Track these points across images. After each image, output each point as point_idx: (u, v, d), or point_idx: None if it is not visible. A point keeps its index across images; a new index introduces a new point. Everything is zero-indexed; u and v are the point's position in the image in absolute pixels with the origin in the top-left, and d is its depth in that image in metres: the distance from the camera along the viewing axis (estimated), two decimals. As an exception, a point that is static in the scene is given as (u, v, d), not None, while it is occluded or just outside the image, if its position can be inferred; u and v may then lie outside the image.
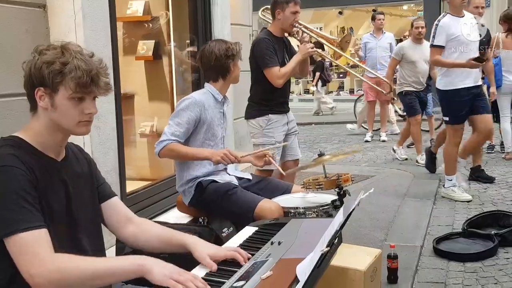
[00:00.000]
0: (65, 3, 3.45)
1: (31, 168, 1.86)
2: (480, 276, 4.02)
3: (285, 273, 1.87)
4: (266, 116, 4.49)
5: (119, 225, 2.25)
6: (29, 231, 1.77)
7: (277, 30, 4.56)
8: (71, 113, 1.92)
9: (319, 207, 3.28)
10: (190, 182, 3.55)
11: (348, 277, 2.73)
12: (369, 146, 9.66)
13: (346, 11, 18.24)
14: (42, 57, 1.89)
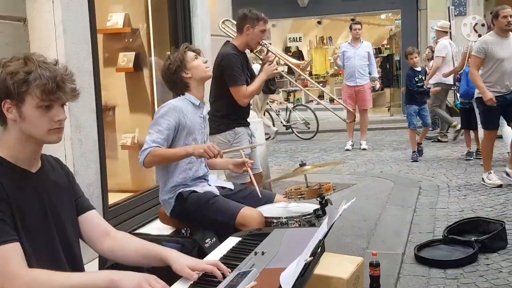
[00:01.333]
0: (45, 16, 3.44)
1: (1, 182, 1.84)
2: (461, 283, 4.05)
3: (269, 283, 1.87)
4: (232, 130, 4.45)
5: (96, 239, 2.22)
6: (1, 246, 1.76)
7: (242, 45, 4.51)
8: (40, 121, 1.91)
9: (302, 216, 3.28)
10: (171, 192, 3.53)
11: (332, 285, 2.74)
12: (350, 154, 9.70)
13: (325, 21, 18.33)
14: (5, 69, 1.87)
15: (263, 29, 4.47)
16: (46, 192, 2.02)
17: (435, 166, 8.17)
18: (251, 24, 4.42)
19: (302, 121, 12.99)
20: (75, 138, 3.55)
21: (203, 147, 3.32)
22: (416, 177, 7.54)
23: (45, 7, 3.42)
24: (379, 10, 16.42)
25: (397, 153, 9.60)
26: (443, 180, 7.32)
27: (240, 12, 4.57)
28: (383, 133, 12.10)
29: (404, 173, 7.92)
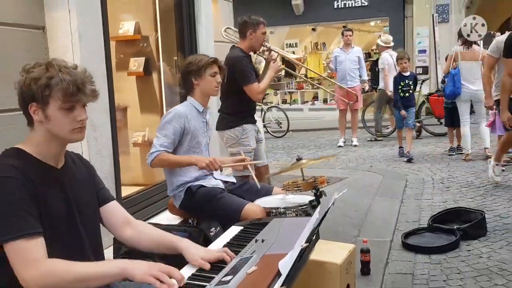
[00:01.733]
0: (62, 25, 3.45)
1: (29, 177, 1.85)
2: (444, 267, 4.05)
3: (269, 267, 1.88)
4: (241, 127, 4.47)
5: (118, 227, 2.24)
6: (23, 238, 1.77)
7: (247, 48, 4.54)
8: (63, 122, 1.92)
9: (298, 207, 3.29)
10: (180, 187, 3.54)
11: (326, 270, 2.74)
12: (342, 150, 9.69)
13: (319, 28, 18.31)
14: (29, 75, 1.90)
15: (264, 32, 4.51)
16: (69, 186, 2.03)
17: (420, 161, 8.17)
18: (252, 29, 4.45)
19: (275, 121, 13.15)
20: (90, 137, 3.56)
21: (206, 161, 3.35)
22: (403, 171, 7.54)
23: (62, 16, 3.43)
24: (369, 18, 16.41)
25: (385, 149, 9.60)
26: (428, 173, 7.32)
27: (240, 19, 4.58)
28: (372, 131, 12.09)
29: (392, 168, 7.91)
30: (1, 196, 1.79)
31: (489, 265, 4.02)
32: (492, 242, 4.50)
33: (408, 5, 15.10)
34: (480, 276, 3.84)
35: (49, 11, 3.43)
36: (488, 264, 4.04)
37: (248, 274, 1.85)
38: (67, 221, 1.99)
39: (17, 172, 1.83)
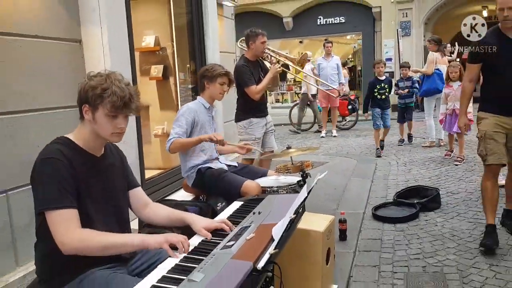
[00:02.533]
0: (95, 39, 3.43)
1: (72, 162, 1.87)
2: (407, 234, 4.08)
3: (264, 234, 1.88)
4: (248, 120, 4.50)
5: (139, 208, 2.26)
6: (63, 209, 1.79)
7: (251, 55, 4.55)
8: (106, 126, 1.93)
9: (288, 186, 3.30)
10: (192, 169, 3.56)
11: (310, 236, 2.75)
12: (324, 140, 9.70)
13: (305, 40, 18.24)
14: (89, 82, 1.91)
15: (263, 41, 4.48)
16: (106, 171, 2.05)
17: (387, 148, 8.16)
18: (253, 40, 4.46)
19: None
20: (119, 130, 3.55)
21: (208, 136, 3.37)
22: (373, 157, 7.54)
23: (95, 31, 3.41)
24: (346, 32, 16.36)
25: (359, 139, 9.60)
26: (393, 158, 7.33)
27: (244, 33, 4.61)
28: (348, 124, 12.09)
29: (364, 154, 7.92)
30: (48, 172, 1.81)
31: (442, 232, 4.04)
32: (445, 213, 4.52)
33: (377, 22, 15.04)
34: (435, 241, 3.86)
35: (85, 27, 3.41)
36: (442, 231, 4.06)
37: (247, 240, 1.85)
38: (103, 200, 2.01)
39: (62, 156, 1.85)
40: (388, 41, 14.70)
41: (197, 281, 1.53)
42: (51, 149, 1.86)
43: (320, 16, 15.64)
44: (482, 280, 3.13)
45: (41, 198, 1.80)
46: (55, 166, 1.82)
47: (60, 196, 1.79)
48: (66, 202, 1.80)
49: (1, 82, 2.73)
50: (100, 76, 1.93)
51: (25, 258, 2.82)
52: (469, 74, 3.85)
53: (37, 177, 1.83)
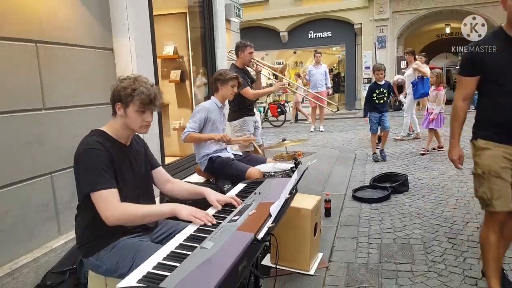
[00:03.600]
0: (124, 48, 3.42)
1: (108, 149, 1.87)
2: (380, 212, 4.08)
3: (264, 211, 1.88)
4: (242, 119, 4.41)
5: (162, 184, 2.26)
6: (106, 189, 1.80)
7: (240, 64, 4.43)
8: (136, 120, 1.94)
9: (283, 171, 3.30)
10: (204, 157, 3.54)
11: (301, 213, 2.76)
12: (313, 134, 9.68)
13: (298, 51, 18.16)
14: (121, 84, 1.92)
15: (250, 52, 4.37)
16: (133, 157, 2.05)
17: (365, 141, 8.16)
18: (242, 50, 4.37)
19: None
20: (144, 123, 3.55)
21: (220, 135, 3.38)
22: (353, 148, 7.53)
23: (125, 41, 3.40)
24: (332, 44, 16.28)
25: (342, 134, 9.58)
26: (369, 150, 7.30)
27: (235, 44, 4.52)
28: (333, 121, 12.06)
29: (346, 146, 7.90)
30: (90, 160, 1.82)
31: (410, 211, 4.05)
32: (412, 195, 4.53)
33: (358, 36, 14.96)
34: (404, 218, 3.87)
35: (116, 38, 3.39)
36: (409, 210, 4.07)
37: (250, 215, 1.86)
38: (133, 180, 2.01)
39: (100, 145, 1.86)
40: (367, 52, 14.65)
41: (208, 248, 1.54)
42: (91, 141, 1.87)
43: (310, 31, 15.55)
44: (442, 251, 3.14)
45: (86, 182, 1.81)
46: (97, 154, 1.83)
47: (103, 179, 1.80)
48: (108, 183, 1.81)
49: (49, 83, 2.73)
50: (129, 79, 1.94)
51: (66, 228, 2.83)
52: (463, 90, 2.40)
53: (82, 165, 1.83)
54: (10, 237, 2.44)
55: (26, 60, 2.58)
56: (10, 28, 2.47)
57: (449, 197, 4.39)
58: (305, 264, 2.83)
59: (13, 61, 2.49)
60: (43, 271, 2.52)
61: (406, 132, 7.97)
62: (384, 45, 14.40)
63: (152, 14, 3.82)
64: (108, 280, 1.96)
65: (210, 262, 1.43)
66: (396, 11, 14.25)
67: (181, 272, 1.38)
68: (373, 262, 3.03)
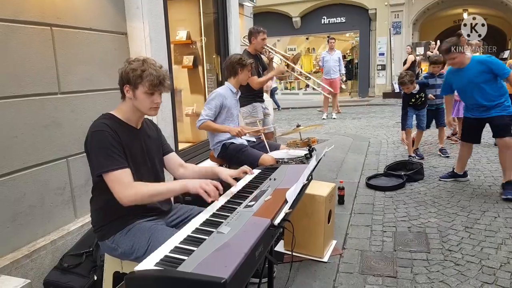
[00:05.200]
0: (138, 32, 3.39)
1: (116, 132, 1.87)
2: (395, 200, 4.05)
3: (279, 197, 1.87)
4: (252, 105, 4.37)
5: (174, 169, 2.25)
6: (118, 170, 1.80)
7: (252, 50, 4.42)
8: (145, 102, 1.92)
9: (297, 158, 3.28)
10: (218, 143, 3.53)
11: (316, 200, 2.75)
12: (325, 121, 9.61)
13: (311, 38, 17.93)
14: (130, 66, 1.90)
15: (263, 38, 4.34)
16: (144, 140, 2.04)
17: (379, 128, 8.09)
18: (254, 36, 4.35)
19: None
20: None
21: (237, 130, 3.35)
22: (366, 135, 7.45)
23: (138, 25, 3.37)
24: (345, 30, 16.04)
25: (355, 121, 9.48)
26: (384, 137, 7.24)
27: (248, 30, 4.48)
28: (346, 108, 11.95)
29: (359, 133, 7.83)
30: (100, 142, 1.82)
31: (425, 199, 4.01)
32: (428, 184, 4.48)
33: (373, 22, 14.70)
34: (419, 206, 3.83)
35: (130, 22, 3.37)
36: (424, 198, 4.03)
37: (265, 201, 1.84)
38: (143, 164, 2.01)
39: (108, 128, 1.85)
40: (381, 39, 14.42)
41: (224, 233, 1.53)
42: (98, 123, 1.87)
43: (324, 16, 15.33)
44: (459, 240, 3.10)
45: (97, 164, 1.81)
46: (104, 136, 1.82)
47: (112, 160, 1.80)
48: (118, 163, 1.81)
49: (64, 67, 2.72)
50: (138, 60, 1.92)
51: (82, 211, 2.86)
52: None
53: (90, 147, 1.83)
54: (28, 219, 2.48)
55: (41, 44, 2.57)
56: (26, 12, 2.47)
57: (465, 185, 4.32)
58: (319, 251, 2.82)
59: (29, 45, 2.49)
60: (60, 253, 2.56)
61: None
62: (399, 31, 14.15)
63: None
64: (124, 263, 1.97)
65: (227, 247, 1.43)
66: (413, -4, 13.94)
67: (198, 256, 1.37)
68: (387, 250, 3.01)
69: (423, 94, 5.27)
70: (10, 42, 2.37)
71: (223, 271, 1.25)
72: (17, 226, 2.40)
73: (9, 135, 2.37)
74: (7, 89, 2.36)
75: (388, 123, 8.73)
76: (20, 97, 2.43)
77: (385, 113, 10.55)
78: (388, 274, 2.67)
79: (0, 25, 2.31)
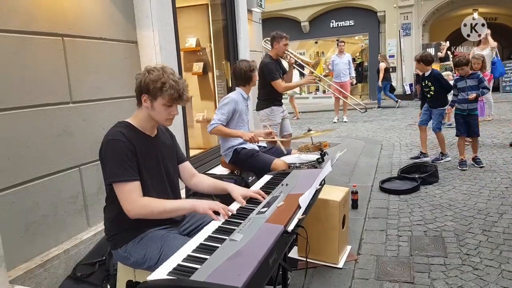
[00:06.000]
0: (148, 40, 3.40)
1: (132, 141, 1.85)
2: (409, 203, 3.97)
3: (292, 202, 1.84)
4: (270, 108, 4.42)
5: (187, 178, 2.24)
6: (128, 182, 1.79)
7: (274, 54, 4.45)
8: (162, 113, 1.91)
9: (309, 162, 3.25)
10: (229, 149, 3.52)
11: (329, 205, 2.70)
12: (336, 125, 9.54)
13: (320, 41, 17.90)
14: (149, 76, 1.87)
15: (285, 43, 4.39)
16: (159, 148, 2.03)
17: (391, 131, 8.00)
18: (277, 41, 4.38)
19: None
20: (169, 116, 3.55)
21: (250, 135, 3.32)
22: (379, 138, 7.37)
23: (148, 34, 3.39)
24: (354, 33, 15.94)
25: (366, 124, 9.39)
26: (396, 140, 7.15)
27: (271, 34, 4.51)
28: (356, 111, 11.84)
29: (371, 136, 7.75)
30: (113, 152, 1.80)
31: (440, 202, 3.93)
32: (443, 186, 4.39)
33: (382, 24, 14.60)
34: (434, 209, 3.75)
35: (140, 30, 3.39)
36: (440, 201, 3.95)
37: (278, 207, 1.81)
38: (158, 172, 1.99)
39: (124, 137, 1.84)
40: (391, 41, 14.30)
41: (237, 240, 1.50)
42: (114, 132, 1.85)
43: (332, 20, 15.27)
44: (477, 243, 3.02)
45: (109, 172, 1.80)
46: (119, 145, 1.81)
47: (124, 171, 1.79)
48: (129, 175, 1.80)
49: (75, 77, 2.74)
50: (157, 70, 1.88)
51: (95, 220, 2.86)
52: None
53: (105, 155, 1.82)
54: (41, 229, 2.49)
55: (53, 54, 2.59)
56: (38, 23, 2.49)
57: (481, 188, 4.23)
58: (334, 257, 2.77)
59: (41, 56, 2.51)
60: (73, 262, 2.56)
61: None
62: (408, 32, 14.02)
63: (175, 6, 3.80)
64: (137, 272, 1.96)
65: (240, 255, 1.40)
66: (422, -3, 13.83)
67: (211, 264, 1.35)
68: (403, 255, 2.94)
69: (433, 88, 5.09)
70: (22, 53, 2.39)
71: (236, 280, 1.23)
72: (30, 235, 2.41)
73: (22, 145, 2.38)
74: (20, 100, 2.38)
75: (400, 125, 8.63)
76: (32, 107, 2.45)
77: (396, 115, 10.43)
78: (405, 279, 2.61)
79: (12, 36, 2.34)
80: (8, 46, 2.31)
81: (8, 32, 2.31)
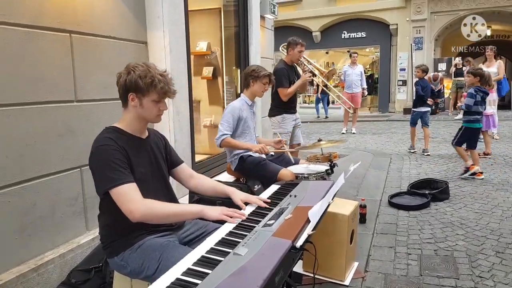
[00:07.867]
0: (158, 41, 3.34)
1: (122, 145, 1.76)
2: (419, 220, 3.83)
3: (300, 215, 1.73)
4: (281, 115, 4.37)
5: (185, 180, 2.14)
6: (125, 184, 1.68)
7: (288, 60, 4.42)
8: (152, 110, 1.83)
9: (318, 173, 3.13)
10: (235, 156, 3.43)
11: (338, 219, 2.58)
12: (344, 136, 9.41)
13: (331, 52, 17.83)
14: (135, 73, 1.78)
15: (300, 50, 4.33)
16: (151, 150, 1.94)
17: (400, 144, 7.86)
18: (292, 47, 4.33)
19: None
20: (176, 120, 3.47)
21: (259, 147, 3.24)
22: (388, 151, 7.24)
23: (159, 35, 3.32)
24: (365, 45, 15.89)
25: (375, 136, 9.26)
26: (405, 153, 7.01)
27: (287, 40, 4.45)
28: (365, 123, 11.72)
29: (380, 149, 7.62)
30: (104, 158, 1.70)
31: (452, 220, 3.79)
32: (454, 204, 4.25)
33: (394, 37, 14.53)
34: (445, 228, 3.61)
35: (150, 31, 3.32)
36: (451, 219, 3.80)
37: (286, 220, 1.70)
38: (150, 175, 1.89)
39: (113, 142, 1.75)
40: (402, 54, 14.20)
41: (241, 255, 1.40)
42: (102, 138, 1.76)
43: (344, 31, 15.22)
44: (490, 265, 2.88)
45: (103, 179, 1.69)
46: (108, 151, 1.71)
47: (120, 174, 1.69)
48: (124, 178, 1.69)
49: (82, 75, 2.67)
50: (141, 66, 1.80)
51: (94, 223, 2.77)
52: None
53: (96, 163, 1.72)
54: (37, 231, 2.39)
55: (60, 50, 2.52)
56: (46, 18, 2.42)
57: (494, 207, 4.08)
58: (340, 273, 2.64)
59: (47, 52, 2.43)
60: (68, 268, 2.45)
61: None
62: (420, 46, 13.92)
63: (187, 8, 3.72)
64: (134, 282, 1.85)
65: (245, 271, 1.29)
66: (435, 12, 13.73)
67: (213, 280, 1.24)
68: (413, 274, 2.80)
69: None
70: (28, 48, 2.32)
71: (240, 301, 1.12)
72: (25, 237, 2.32)
73: (22, 142, 2.30)
74: (23, 96, 2.30)
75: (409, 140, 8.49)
76: (35, 104, 2.37)
77: (405, 129, 10.25)
78: (414, 301, 2.47)
79: (19, 30, 2.27)
80: (13, 40, 2.24)
81: (14, 25, 2.24)
